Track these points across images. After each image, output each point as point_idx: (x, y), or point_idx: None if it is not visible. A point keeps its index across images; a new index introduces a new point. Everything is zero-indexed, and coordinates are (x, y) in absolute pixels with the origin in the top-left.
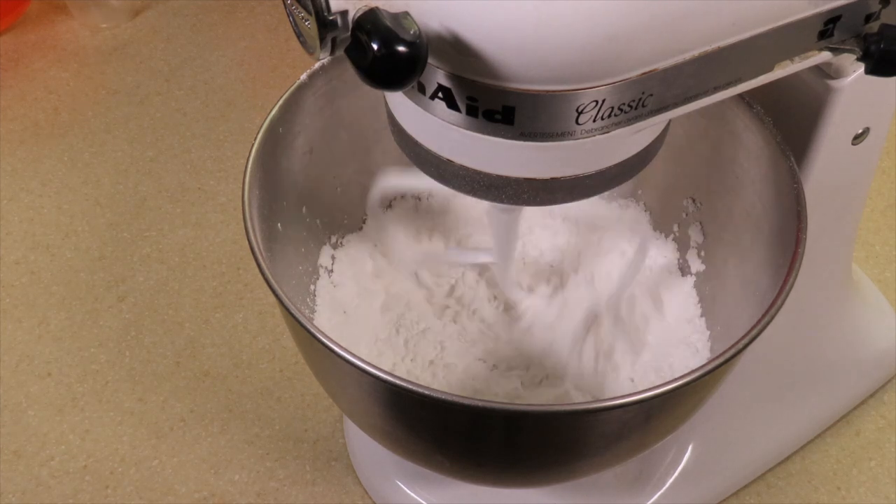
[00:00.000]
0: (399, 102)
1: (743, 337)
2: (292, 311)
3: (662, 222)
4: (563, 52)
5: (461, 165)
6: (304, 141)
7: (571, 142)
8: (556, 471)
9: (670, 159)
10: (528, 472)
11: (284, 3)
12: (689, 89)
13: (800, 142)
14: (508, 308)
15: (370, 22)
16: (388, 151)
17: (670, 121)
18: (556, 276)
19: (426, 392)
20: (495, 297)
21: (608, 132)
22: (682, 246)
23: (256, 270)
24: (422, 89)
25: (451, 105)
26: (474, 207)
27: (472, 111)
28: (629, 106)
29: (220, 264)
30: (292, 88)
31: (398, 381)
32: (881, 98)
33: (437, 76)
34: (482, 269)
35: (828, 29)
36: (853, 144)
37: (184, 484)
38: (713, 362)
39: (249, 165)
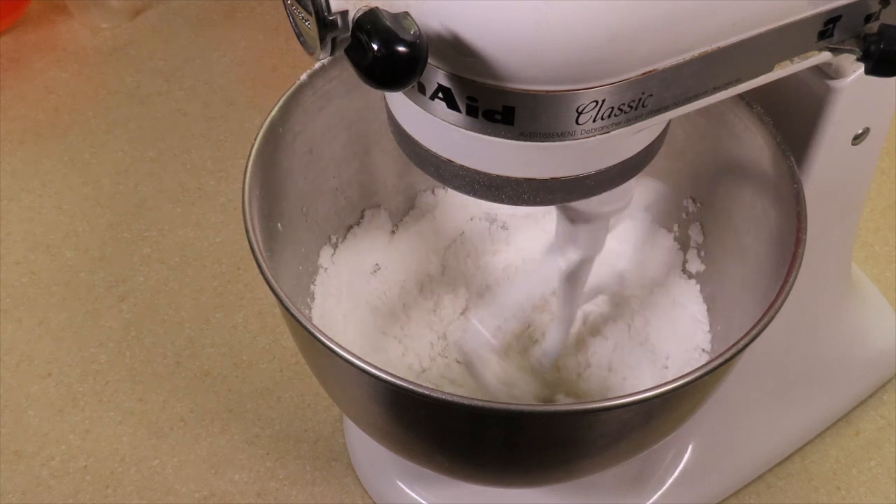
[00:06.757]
0: (399, 103)
1: (743, 337)
2: (292, 311)
3: (662, 222)
4: (564, 53)
5: (461, 165)
6: (304, 141)
7: (571, 142)
8: (556, 471)
9: (670, 159)
10: (528, 472)
11: (284, 3)
12: (689, 89)
13: (800, 142)
14: None
15: (370, 22)
16: (388, 151)
17: (670, 121)
18: None
19: (426, 392)
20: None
21: (608, 132)
22: (683, 246)
23: (256, 270)
24: (422, 89)
25: (451, 105)
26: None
27: (472, 111)
28: (629, 106)
29: (220, 264)
30: (292, 88)
31: (398, 381)
32: (881, 98)
33: (437, 76)
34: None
35: (828, 29)
36: (853, 144)
37: (184, 484)
38: (713, 362)
39: (249, 165)
